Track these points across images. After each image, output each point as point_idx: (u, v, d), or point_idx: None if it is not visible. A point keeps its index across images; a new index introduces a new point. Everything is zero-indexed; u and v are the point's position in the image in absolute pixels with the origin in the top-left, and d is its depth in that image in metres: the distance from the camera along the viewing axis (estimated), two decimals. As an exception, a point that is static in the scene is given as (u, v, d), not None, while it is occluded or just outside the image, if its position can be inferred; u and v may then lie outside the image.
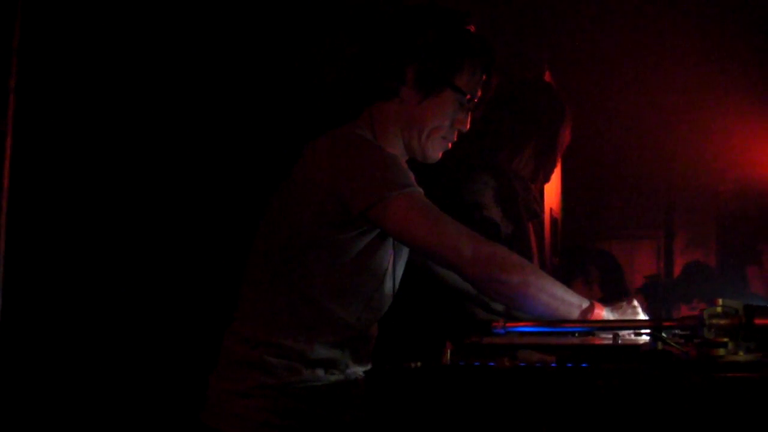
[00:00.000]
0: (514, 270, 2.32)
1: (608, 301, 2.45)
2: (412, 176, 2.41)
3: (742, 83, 5.38)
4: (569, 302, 2.35)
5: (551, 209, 4.77)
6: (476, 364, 2.02)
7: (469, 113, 2.57)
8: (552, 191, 4.85)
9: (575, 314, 2.34)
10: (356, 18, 3.58)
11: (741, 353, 1.89)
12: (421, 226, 2.33)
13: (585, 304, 2.36)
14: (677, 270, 5.30)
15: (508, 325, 2.22)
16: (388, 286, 2.51)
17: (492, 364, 2.01)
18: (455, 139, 2.60)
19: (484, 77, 2.57)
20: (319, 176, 2.37)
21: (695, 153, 5.80)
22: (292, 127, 3.57)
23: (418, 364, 2.06)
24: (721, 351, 1.90)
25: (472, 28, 2.57)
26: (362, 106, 2.58)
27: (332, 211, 2.34)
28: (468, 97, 2.53)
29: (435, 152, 2.58)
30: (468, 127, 2.58)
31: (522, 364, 2.03)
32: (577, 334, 2.30)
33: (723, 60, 5.41)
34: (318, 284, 2.39)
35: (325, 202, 2.34)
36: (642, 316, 2.42)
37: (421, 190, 2.37)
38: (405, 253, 2.58)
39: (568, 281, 2.99)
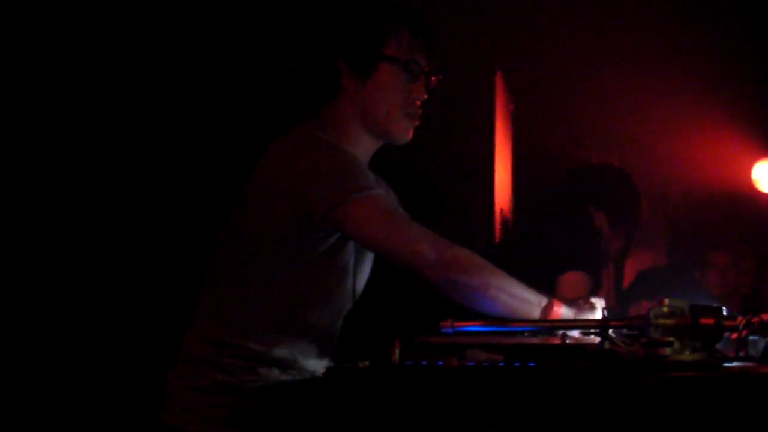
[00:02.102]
0: (475, 272, 2.33)
1: None
2: (372, 177, 2.40)
3: (691, 86, 5.42)
4: (529, 301, 2.35)
5: (502, 209, 4.77)
6: (424, 363, 2.01)
7: (422, 80, 2.53)
8: (503, 192, 4.86)
9: (535, 313, 2.34)
10: (304, 17, 3.57)
11: (687, 352, 1.90)
12: (382, 229, 2.32)
13: (544, 302, 2.36)
14: (627, 271, 5.32)
15: (456, 324, 2.22)
16: (349, 287, 2.51)
17: (440, 363, 2.00)
18: (420, 111, 2.55)
19: (418, 39, 2.53)
20: (280, 179, 2.36)
21: (645, 153, 5.83)
22: (252, 127, 3.55)
23: (366, 363, 2.06)
24: (668, 350, 1.91)
25: None
26: (317, 105, 2.57)
27: (293, 214, 2.33)
28: (405, 59, 2.49)
29: (402, 131, 2.54)
30: (426, 95, 2.54)
31: (470, 364, 2.03)
32: (526, 334, 2.31)
33: (672, 63, 5.44)
34: (278, 286, 2.38)
35: (286, 205, 2.34)
36: (599, 314, 2.42)
37: (381, 192, 2.37)
38: (368, 254, 2.57)
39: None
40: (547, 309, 2.35)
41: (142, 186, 3.58)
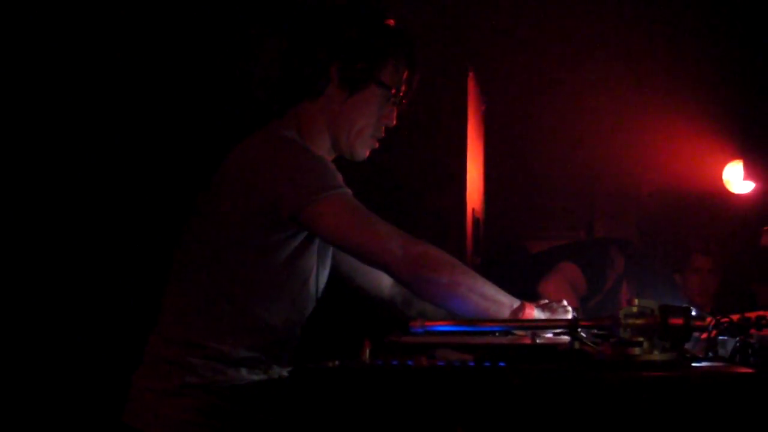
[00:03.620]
0: (444, 269, 2.33)
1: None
2: (340, 177, 2.40)
3: (664, 86, 5.45)
4: (500, 302, 2.36)
5: (473, 209, 4.77)
6: (394, 363, 2.01)
7: (395, 108, 2.57)
8: (474, 192, 4.86)
9: (506, 314, 2.34)
10: (283, 14, 3.56)
11: (656, 352, 1.91)
12: (351, 227, 2.32)
13: (516, 303, 2.37)
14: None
15: (426, 324, 2.22)
16: (312, 289, 2.51)
17: (410, 363, 2.00)
18: (383, 135, 2.59)
19: (406, 71, 2.57)
20: (248, 179, 2.36)
21: (617, 154, 5.85)
22: (221, 125, 3.54)
23: (336, 363, 2.05)
24: (637, 350, 1.91)
25: (392, 23, 2.57)
26: (288, 105, 2.56)
27: (261, 214, 2.33)
28: (393, 91, 2.53)
29: (363, 150, 2.58)
30: (395, 122, 2.58)
31: (440, 363, 2.03)
32: (497, 334, 2.31)
33: (645, 63, 5.46)
34: (243, 286, 2.38)
35: (254, 205, 2.33)
36: (571, 315, 2.43)
37: (350, 191, 2.37)
38: (329, 256, 2.57)
39: None
40: (519, 310, 2.36)
41: (105, 186, 3.55)
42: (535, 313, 2.38)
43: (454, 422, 1.87)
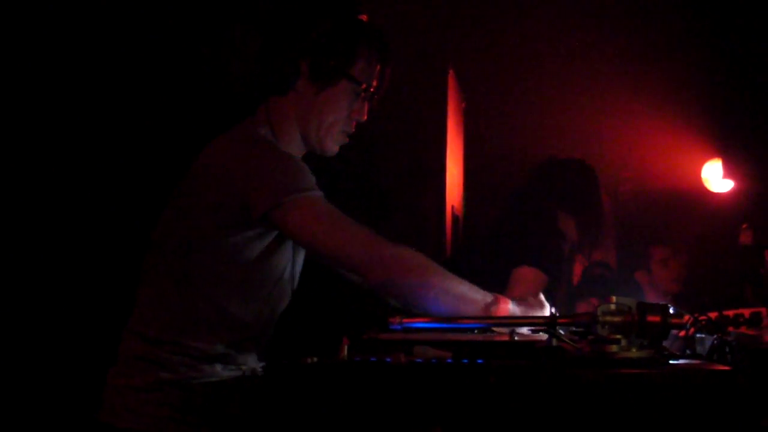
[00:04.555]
0: (415, 272, 2.31)
1: None
2: (312, 179, 2.39)
3: (644, 85, 5.46)
4: (473, 300, 2.34)
5: (453, 207, 4.78)
6: (372, 359, 2.01)
7: (366, 103, 2.56)
8: (454, 189, 4.87)
9: (480, 312, 2.33)
10: (261, 10, 3.55)
11: (633, 350, 1.91)
12: (321, 230, 2.31)
13: (489, 298, 2.36)
14: (575, 270, 5.35)
15: (404, 320, 2.22)
16: (287, 286, 2.50)
17: (388, 359, 2.00)
18: (354, 131, 2.58)
19: (378, 66, 2.56)
20: (220, 177, 2.35)
21: (594, 153, 5.87)
22: (197, 123, 3.52)
23: (314, 359, 2.04)
24: (614, 347, 1.92)
25: (365, 18, 2.57)
26: (261, 100, 2.55)
27: (232, 213, 2.32)
28: (364, 86, 2.52)
29: (333, 145, 2.57)
30: (365, 117, 2.57)
31: (418, 360, 2.02)
32: (476, 331, 2.31)
33: (624, 63, 5.48)
34: (216, 284, 2.37)
35: (226, 204, 2.32)
36: (548, 311, 2.43)
37: (321, 193, 2.35)
38: (303, 254, 2.56)
39: None
40: (493, 305, 2.35)
41: (78, 182, 3.53)
42: (509, 308, 2.37)
43: (433, 419, 1.87)
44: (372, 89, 2.55)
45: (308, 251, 2.48)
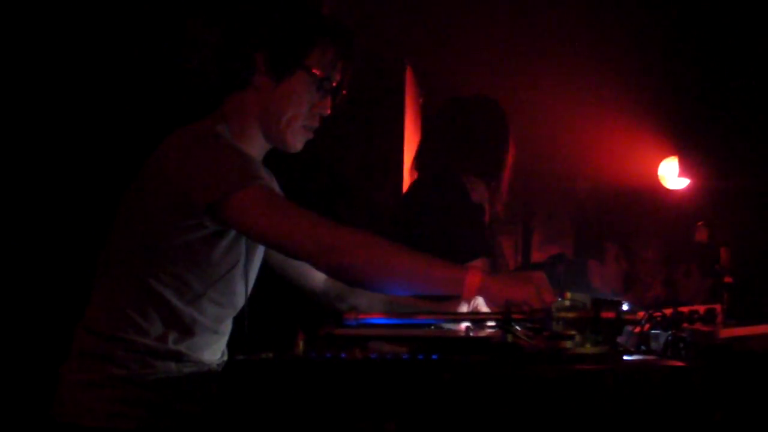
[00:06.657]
0: (359, 251, 2.24)
1: None
2: (260, 170, 2.36)
3: (600, 83, 5.49)
4: (438, 279, 2.25)
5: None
6: (328, 355, 2.00)
7: (329, 97, 2.53)
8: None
9: (440, 284, 2.26)
10: (220, 4, 3.53)
11: (588, 345, 1.92)
12: (266, 220, 2.27)
13: (458, 274, 2.23)
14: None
15: (360, 316, 2.21)
16: (241, 285, 2.48)
17: (343, 355, 1.99)
18: (317, 125, 2.55)
19: (339, 59, 2.53)
20: (167, 173, 2.32)
21: (553, 149, 5.90)
22: (155, 119, 3.50)
23: (270, 355, 2.04)
24: (569, 343, 1.92)
25: (325, 9, 2.54)
26: (220, 97, 2.53)
27: (180, 209, 2.29)
28: (322, 76, 2.48)
29: (296, 141, 2.53)
30: (329, 111, 2.54)
31: (373, 356, 2.02)
32: (432, 327, 2.31)
33: (580, 61, 5.50)
34: (168, 282, 2.34)
35: (173, 200, 2.29)
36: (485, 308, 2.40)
37: (267, 183, 2.32)
38: (259, 249, 2.54)
39: None
40: (464, 280, 2.22)
41: (31, 180, 3.51)
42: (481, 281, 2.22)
43: (387, 414, 1.87)
44: (334, 83, 2.53)
45: (253, 241, 2.44)
